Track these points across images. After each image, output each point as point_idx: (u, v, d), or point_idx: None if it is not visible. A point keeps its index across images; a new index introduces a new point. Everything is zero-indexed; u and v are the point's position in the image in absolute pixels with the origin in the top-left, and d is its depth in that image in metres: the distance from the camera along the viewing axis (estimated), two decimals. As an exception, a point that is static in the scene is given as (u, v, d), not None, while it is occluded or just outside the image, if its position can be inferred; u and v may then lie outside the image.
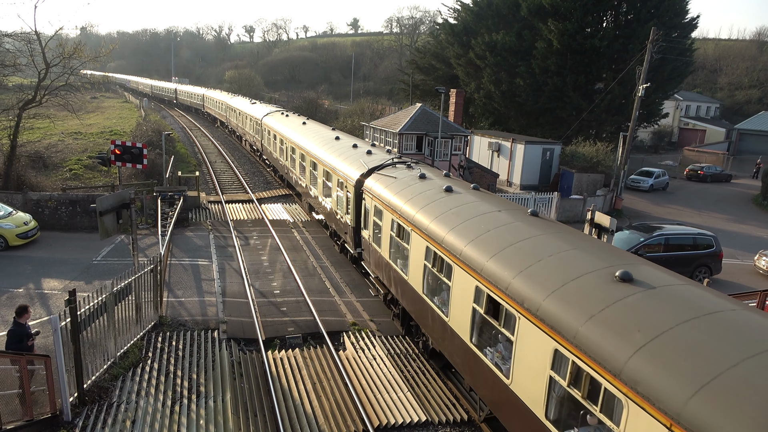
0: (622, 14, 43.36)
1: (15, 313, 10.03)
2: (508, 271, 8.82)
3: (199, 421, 10.28)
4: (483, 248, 9.83)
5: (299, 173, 25.49)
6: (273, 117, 34.57)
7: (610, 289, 7.37)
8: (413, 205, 12.92)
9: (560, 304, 7.53)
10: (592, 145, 36.85)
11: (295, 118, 33.38)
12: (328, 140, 23.02)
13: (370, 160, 17.99)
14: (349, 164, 18.34)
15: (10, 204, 20.76)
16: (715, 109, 73.76)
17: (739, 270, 22.28)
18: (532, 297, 8.02)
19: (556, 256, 8.73)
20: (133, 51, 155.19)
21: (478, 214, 11.20)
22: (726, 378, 5.47)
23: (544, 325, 7.58)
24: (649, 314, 6.74)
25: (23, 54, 27.09)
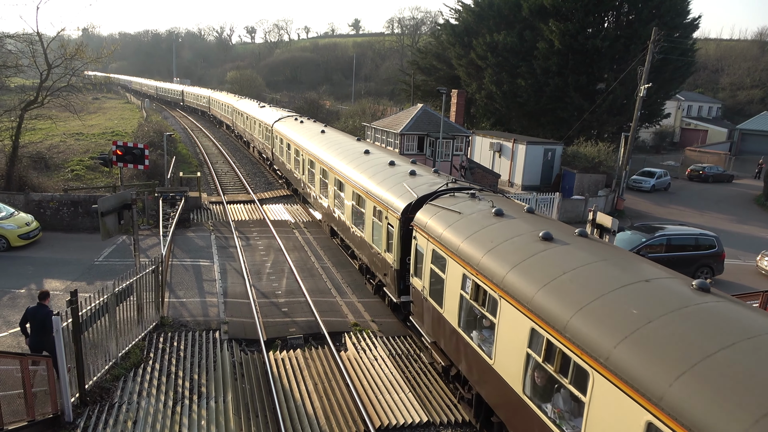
0: (623, 14, 43.33)
1: (38, 297, 10.68)
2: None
3: (200, 422, 10.28)
4: (657, 355, 6.25)
5: (319, 191, 22.26)
6: (286, 123, 31.19)
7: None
8: (498, 260, 9.29)
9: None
10: (593, 146, 36.83)
11: (311, 124, 29.86)
12: (356, 154, 19.70)
13: (416, 184, 14.62)
14: (389, 189, 15.09)
15: (12, 205, 20.79)
16: (716, 110, 73.65)
17: (741, 270, 22.22)
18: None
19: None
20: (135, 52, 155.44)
21: (618, 285, 7.56)
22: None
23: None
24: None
25: (25, 55, 27.16)
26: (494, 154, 37.61)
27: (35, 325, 10.29)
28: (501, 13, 46.16)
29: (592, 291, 7.58)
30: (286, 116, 33.73)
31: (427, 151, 31.82)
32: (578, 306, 7.40)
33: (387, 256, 14.62)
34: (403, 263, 13.82)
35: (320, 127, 27.80)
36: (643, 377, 6.08)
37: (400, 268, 13.92)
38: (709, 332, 6.33)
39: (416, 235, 12.63)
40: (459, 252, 10.46)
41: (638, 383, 6.09)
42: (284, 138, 29.19)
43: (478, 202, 12.19)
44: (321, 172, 21.74)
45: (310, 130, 27.01)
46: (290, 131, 28.56)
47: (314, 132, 26.27)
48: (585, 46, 39.99)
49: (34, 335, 10.29)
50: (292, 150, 27.35)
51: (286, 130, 29.49)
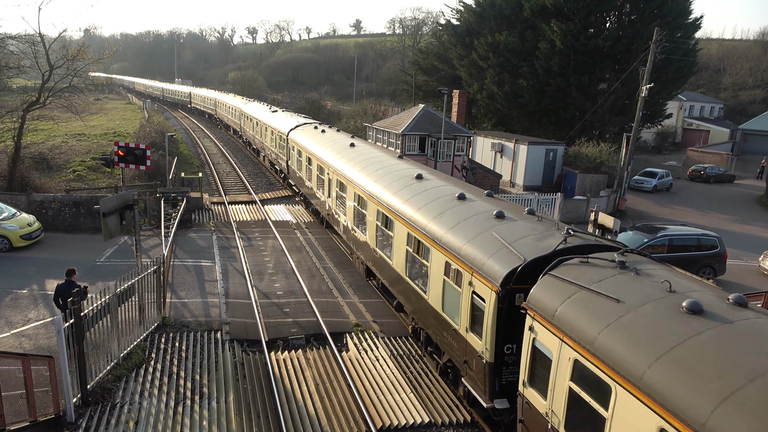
0: (625, 14, 43.29)
1: (66, 274, 11.95)
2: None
3: (202, 422, 10.28)
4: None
5: (353, 221, 17.85)
6: (304, 132, 27.14)
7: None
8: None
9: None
10: (595, 146, 36.78)
11: (335, 134, 25.52)
12: (405, 179, 15.26)
13: (513, 234, 10.14)
14: (471, 240, 10.54)
15: (14, 205, 20.83)
16: (718, 110, 73.55)
17: (743, 271, 22.17)
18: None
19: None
20: (137, 53, 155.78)
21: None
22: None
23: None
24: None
25: (27, 56, 27.23)
26: (496, 154, 37.60)
27: (66, 299, 11.18)
28: (502, 14, 46.15)
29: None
30: (303, 123, 29.91)
31: (428, 151, 31.82)
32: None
33: (470, 338, 10.15)
34: (500, 358, 9.53)
35: (347, 139, 23.41)
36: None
37: (495, 361, 9.55)
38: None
39: (534, 326, 8.19)
40: (645, 386, 6.04)
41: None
42: (303, 150, 25.11)
43: (635, 277, 7.82)
44: (356, 199, 17.34)
45: (335, 142, 22.74)
46: (310, 142, 24.51)
47: (341, 144, 21.93)
48: (587, 47, 39.96)
49: (65, 308, 11.05)
50: (313, 166, 23.16)
51: (305, 141, 25.40)
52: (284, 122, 31.70)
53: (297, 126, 28.95)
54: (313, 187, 23.60)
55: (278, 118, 34.29)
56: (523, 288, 8.92)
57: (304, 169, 25.26)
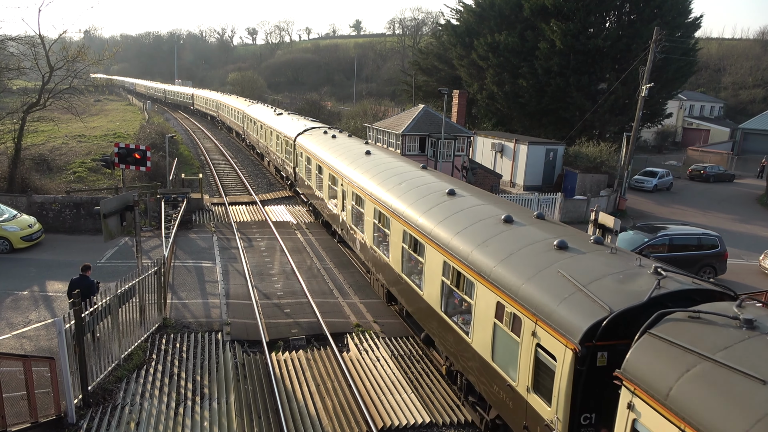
0: (625, 14, 43.30)
1: (81, 269, 12.39)
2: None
3: (203, 423, 10.29)
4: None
5: (373, 238, 15.80)
6: (313, 137, 25.18)
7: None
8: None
9: None
10: (595, 146, 36.79)
11: (347, 140, 23.52)
12: (434, 195, 13.24)
13: (589, 274, 8.17)
14: (531, 279, 8.61)
15: (15, 207, 20.85)
16: (719, 109, 73.53)
17: (744, 270, 22.17)
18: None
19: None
20: (137, 54, 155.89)
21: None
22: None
23: None
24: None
25: (27, 57, 27.27)
26: (496, 154, 37.60)
27: (83, 291, 11.31)
28: (502, 14, 46.16)
29: None
30: (311, 127, 27.86)
31: (428, 151, 31.83)
32: None
33: (534, 400, 8.20)
34: (575, 425, 7.56)
35: (361, 145, 21.38)
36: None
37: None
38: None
39: (635, 403, 6.33)
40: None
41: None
42: (312, 157, 23.25)
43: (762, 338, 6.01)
44: (376, 215, 15.39)
45: (348, 150, 20.72)
46: (320, 149, 22.65)
47: (355, 152, 19.94)
48: (587, 46, 39.96)
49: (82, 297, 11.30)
50: (324, 175, 21.26)
51: (313, 147, 23.49)
52: (291, 126, 29.76)
53: (305, 130, 27.03)
54: (323, 198, 21.63)
55: (284, 121, 32.52)
56: (606, 345, 7.22)
57: (313, 177, 23.31)
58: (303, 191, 26.50)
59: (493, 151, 37.72)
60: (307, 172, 24.46)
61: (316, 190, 22.86)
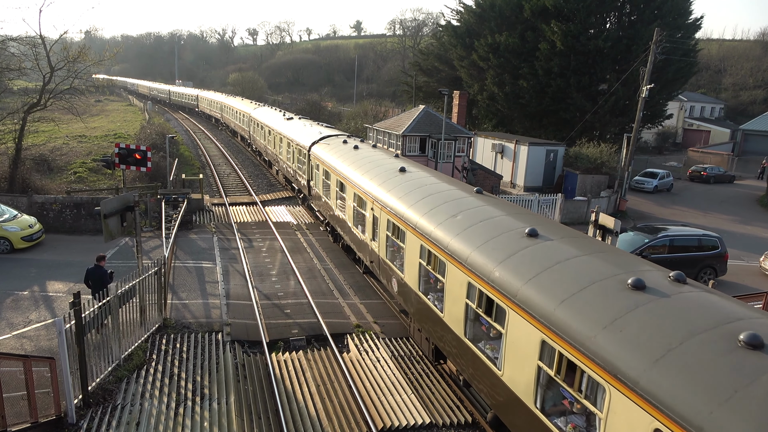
0: (625, 15, 43.32)
1: (96, 259, 12.94)
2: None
3: (203, 424, 10.28)
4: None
5: (419, 281, 12.39)
6: (330, 148, 21.90)
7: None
8: None
9: None
10: (595, 147, 36.80)
11: (371, 152, 19.64)
12: (513, 236, 9.94)
13: (687, 328, 6.35)
14: (677, 370, 5.88)
15: (15, 207, 20.86)
16: (719, 110, 73.54)
17: (744, 271, 22.16)
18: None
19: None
20: (137, 54, 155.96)
21: None
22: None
23: None
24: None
25: (28, 58, 27.29)
26: (496, 155, 37.60)
27: (95, 281, 12.48)
28: (503, 14, 46.19)
29: None
30: (328, 135, 24.66)
31: (429, 152, 31.84)
32: None
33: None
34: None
35: (391, 159, 17.74)
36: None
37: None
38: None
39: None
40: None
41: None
42: (331, 171, 19.98)
43: None
44: (423, 254, 11.91)
45: (376, 165, 17.13)
46: (341, 163, 19.32)
47: (386, 168, 16.43)
48: (587, 47, 39.97)
49: (94, 289, 12.09)
50: (348, 194, 17.77)
51: (332, 160, 20.31)
52: (304, 133, 26.74)
53: (321, 139, 23.95)
54: (347, 221, 18.39)
55: (295, 127, 29.39)
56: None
57: (333, 195, 20.13)
58: (319, 208, 23.43)
59: (494, 151, 37.73)
60: (325, 188, 21.41)
61: (337, 210, 19.76)
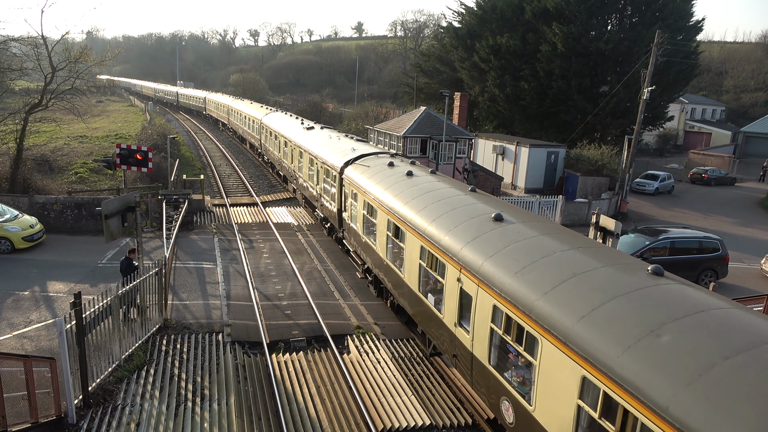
0: (626, 17, 43.32)
1: (128, 252, 14.04)
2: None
3: (203, 424, 10.28)
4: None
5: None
6: (372, 171, 16.89)
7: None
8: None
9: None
10: (596, 149, 36.79)
11: (432, 180, 14.73)
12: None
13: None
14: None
15: (17, 207, 20.87)
16: (720, 112, 73.50)
17: (745, 273, 22.14)
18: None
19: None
20: (139, 55, 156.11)
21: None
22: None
23: None
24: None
25: (30, 58, 27.33)
26: (497, 156, 37.60)
27: (124, 270, 13.49)
28: (504, 16, 46.22)
29: None
30: (365, 154, 19.27)
31: (429, 154, 31.84)
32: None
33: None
34: None
35: (470, 198, 12.71)
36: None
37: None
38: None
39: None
40: None
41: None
42: (379, 207, 14.91)
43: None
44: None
45: (448, 203, 12.49)
46: (393, 198, 14.27)
47: (470, 213, 11.58)
48: (588, 49, 39.98)
49: (125, 275, 12.76)
50: (411, 245, 12.76)
51: (376, 190, 15.40)
52: (333, 149, 21.44)
53: (357, 158, 18.72)
54: (405, 282, 13.04)
55: (319, 140, 24.27)
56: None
57: (381, 236, 14.87)
58: (354, 248, 18.06)
59: (495, 153, 37.73)
60: (366, 224, 16.22)
61: (387, 259, 14.38)
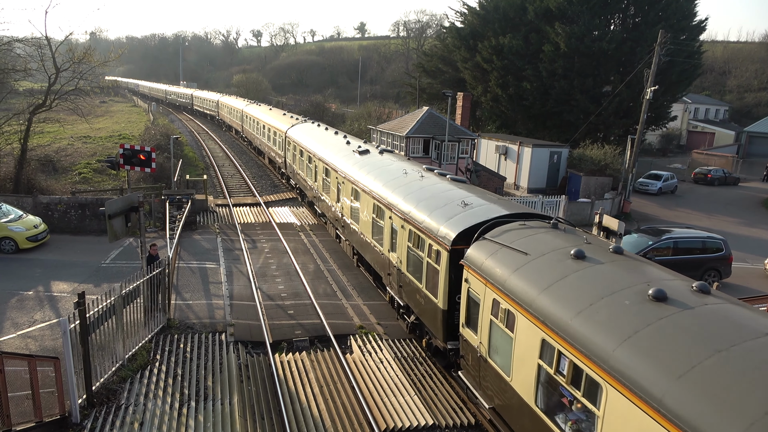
0: (629, 17, 43.24)
1: (150, 247, 14.82)
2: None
3: (206, 424, 10.30)
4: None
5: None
6: (534, 268, 8.89)
7: None
8: None
9: None
10: (599, 149, 36.70)
11: (619, 264, 8.60)
12: None
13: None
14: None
15: (21, 207, 20.96)
16: (723, 112, 73.26)
17: (749, 273, 22.07)
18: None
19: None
20: (142, 55, 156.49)
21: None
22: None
23: None
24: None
25: (34, 59, 27.42)
26: (500, 157, 37.56)
27: (149, 263, 13.94)
28: (506, 16, 46.16)
29: None
30: (502, 217, 11.30)
31: (432, 154, 31.83)
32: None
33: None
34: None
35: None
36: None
37: None
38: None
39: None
40: None
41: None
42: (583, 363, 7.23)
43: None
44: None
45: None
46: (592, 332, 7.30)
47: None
48: (591, 49, 39.90)
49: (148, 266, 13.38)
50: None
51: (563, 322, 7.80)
52: (425, 202, 13.34)
53: (485, 227, 10.99)
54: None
55: (389, 174, 16.37)
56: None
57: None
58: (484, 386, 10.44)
59: (497, 153, 37.68)
60: (522, 364, 8.79)
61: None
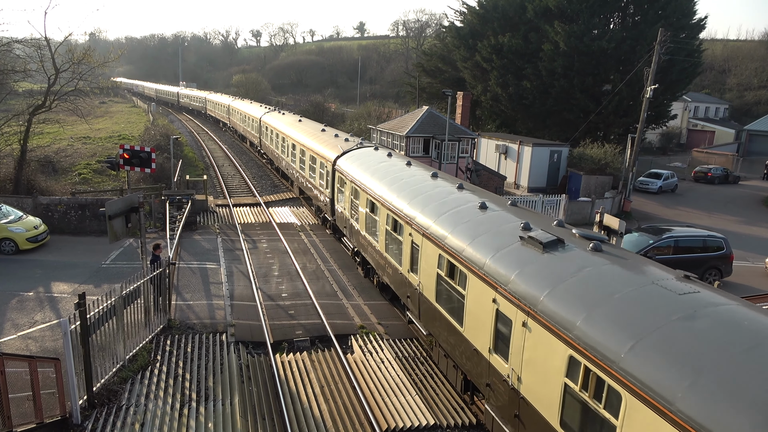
0: (629, 15, 43.23)
1: (152, 248, 14.74)
2: None
3: (207, 425, 10.29)
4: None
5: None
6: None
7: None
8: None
9: None
10: (599, 147, 36.68)
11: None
12: None
13: None
14: None
15: (21, 208, 20.94)
16: (724, 110, 73.25)
17: (750, 272, 22.05)
18: None
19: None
20: (142, 56, 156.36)
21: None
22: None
23: None
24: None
25: (33, 60, 27.39)
26: (500, 156, 37.55)
27: (153, 262, 14.06)
28: (506, 15, 46.15)
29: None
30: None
31: (432, 153, 31.83)
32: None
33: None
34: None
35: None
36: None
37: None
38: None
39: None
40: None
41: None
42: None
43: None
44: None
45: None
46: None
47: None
48: (591, 48, 39.89)
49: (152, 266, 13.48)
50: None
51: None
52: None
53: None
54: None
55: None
56: None
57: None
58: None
59: (497, 152, 37.68)
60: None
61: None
